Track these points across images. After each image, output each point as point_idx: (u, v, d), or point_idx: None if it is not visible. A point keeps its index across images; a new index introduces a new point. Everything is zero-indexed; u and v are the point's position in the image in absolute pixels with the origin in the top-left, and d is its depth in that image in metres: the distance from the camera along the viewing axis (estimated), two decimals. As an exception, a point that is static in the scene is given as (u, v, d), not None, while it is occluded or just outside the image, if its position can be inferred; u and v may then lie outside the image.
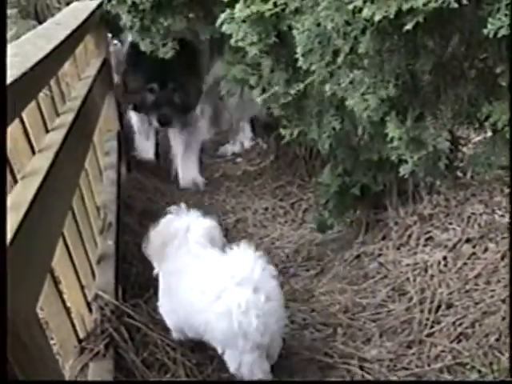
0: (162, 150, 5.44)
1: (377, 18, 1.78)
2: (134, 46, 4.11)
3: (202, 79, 4.98)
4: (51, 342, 1.97)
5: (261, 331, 2.22)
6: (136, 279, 3.01)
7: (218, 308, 2.23)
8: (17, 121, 1.97)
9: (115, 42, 5.11)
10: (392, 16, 1.75)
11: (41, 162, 1.97)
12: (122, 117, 4.64)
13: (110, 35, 4.69)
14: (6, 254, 1.12)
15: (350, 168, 3.18)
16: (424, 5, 1.70)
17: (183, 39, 3.89)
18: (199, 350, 2.55)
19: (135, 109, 4.94)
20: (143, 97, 4.74)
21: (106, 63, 4.10)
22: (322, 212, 3.42)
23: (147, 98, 4.72)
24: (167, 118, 4.76)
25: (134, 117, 5.23)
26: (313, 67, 2.26)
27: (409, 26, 1.77)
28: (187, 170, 5.10)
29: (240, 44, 2.53)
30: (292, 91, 2.61)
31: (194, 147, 5.21)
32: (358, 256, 3.32)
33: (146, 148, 5.33)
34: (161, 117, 4.72)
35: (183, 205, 2.63)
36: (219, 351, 2.35)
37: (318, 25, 2.15)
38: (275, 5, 2.39)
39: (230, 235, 3.87)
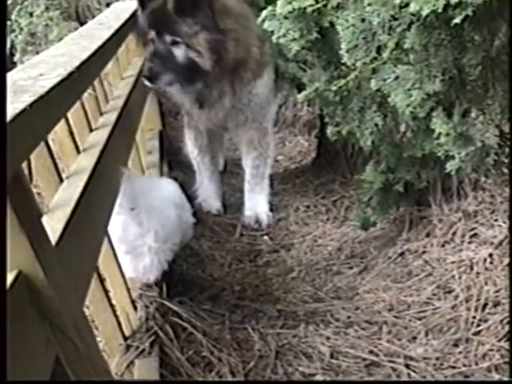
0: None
1: (424, 12, 1.76)
2: None
3: None
4: (97, 339, 1.98)
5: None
6: (180, 277, 3.04)
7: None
8: (62, 121, 1.99)
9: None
10: (440, 10, 1.73)
11: (86, 161, 1.99)
12: (163, 115, 4.61)
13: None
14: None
15: (393, 165, 3.14)
16: (473, -3, 1.68)
17: None
18: (244, 348, 2.57)
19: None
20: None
21: (147, 62, 4.12)
22: (364, 209, 3.39)
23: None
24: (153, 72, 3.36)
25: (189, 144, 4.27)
26: (357, 63, 2.25)
27: (457, 20, 1.75)
28: (254, 205, 4.10)
29: (281, 41, 2.53)
30: (334, 88, 2.60)
31: (265, 173, 4.17)
32: (401, 253, 3.28)
33: (209, 194, 4.23)
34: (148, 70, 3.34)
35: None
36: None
37: (363, 20, 2.14)
38: (317, 1, 2.39)
39: (272, 233, 3.87)
